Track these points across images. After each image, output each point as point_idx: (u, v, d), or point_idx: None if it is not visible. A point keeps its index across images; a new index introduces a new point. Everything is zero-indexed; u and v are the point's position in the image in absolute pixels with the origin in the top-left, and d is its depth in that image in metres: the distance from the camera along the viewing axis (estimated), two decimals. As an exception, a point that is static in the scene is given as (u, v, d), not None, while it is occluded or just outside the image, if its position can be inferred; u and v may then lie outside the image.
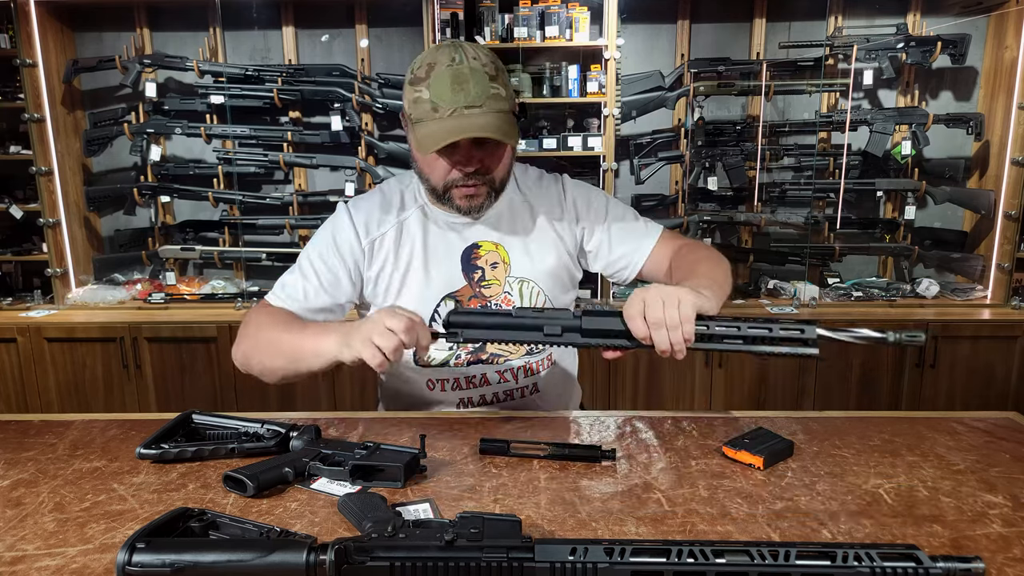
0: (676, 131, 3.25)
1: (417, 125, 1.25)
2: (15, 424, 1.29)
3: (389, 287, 1.39)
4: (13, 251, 3.21)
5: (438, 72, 1.21)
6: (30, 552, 0.87)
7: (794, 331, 1.05)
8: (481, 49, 1.26)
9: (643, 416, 1.30)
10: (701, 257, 1.35)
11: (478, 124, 1.21)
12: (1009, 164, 2.96)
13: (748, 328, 1.06)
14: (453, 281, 1.39)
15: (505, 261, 1.40)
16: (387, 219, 1.39)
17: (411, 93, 1.25)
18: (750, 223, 3.23)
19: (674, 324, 1.04)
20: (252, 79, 3.09)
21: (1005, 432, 1.22)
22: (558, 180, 1.48)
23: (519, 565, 0.75)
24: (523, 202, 1.44)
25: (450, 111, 1.20)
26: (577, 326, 1.10)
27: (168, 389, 3.01)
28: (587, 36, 2.96)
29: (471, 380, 1.41)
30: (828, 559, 0.74)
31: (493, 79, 1.23)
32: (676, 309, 1.04)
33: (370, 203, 1.41)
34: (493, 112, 1.22)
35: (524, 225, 1.42)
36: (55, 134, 3.09)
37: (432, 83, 1.21)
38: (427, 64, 1.23)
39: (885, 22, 3.12)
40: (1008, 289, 3.04)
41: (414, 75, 1.25)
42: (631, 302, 1.08)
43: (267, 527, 0.87)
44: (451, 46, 1.24)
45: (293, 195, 3.21)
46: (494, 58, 1.26)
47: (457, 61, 1.21)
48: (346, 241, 1.37)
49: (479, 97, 1.21)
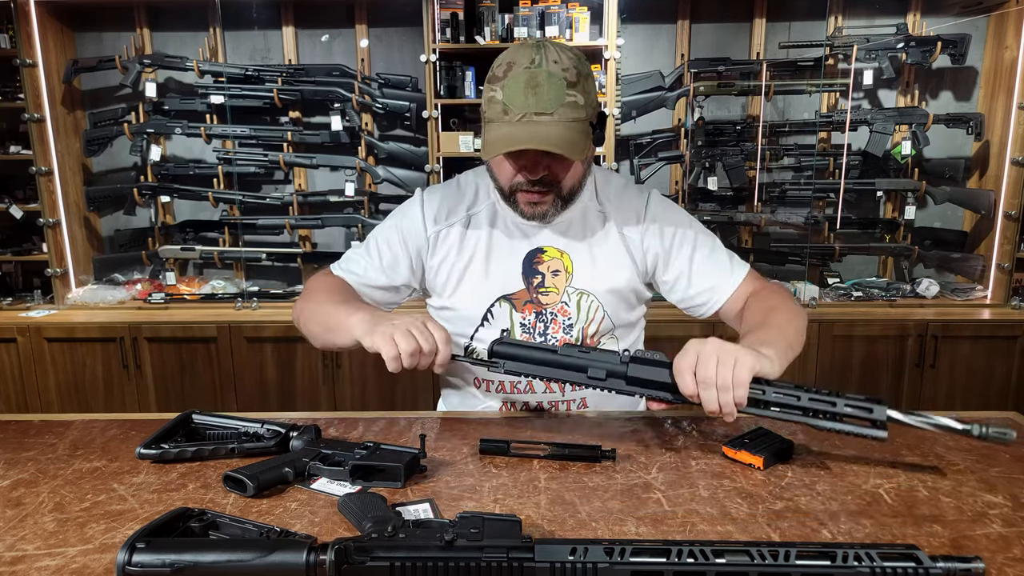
0: (676, 131, 3.25)
1: (488, 125, 1.22)
2: (15, 424, 1.29)
3: (448, 279, 1.38)
4: (13, 251, 3.21)
5: (514, 73, 1.17)
6: (30, 552, 0.87)
7: (861, 409, 1.00)
8: (566, 52, 1.20)
9: (643, 416, 1.30)
10: (776, 306, 1.26)
11: (543, 134, 1.16)
12: (1009, 164, 2.96)
13: (809, 399, 1.00)
14: (511, 283, 1.35)
15: (568, 270, 1.35)
16: (457, 211, 1.38)
17: (488, 91, 1.22)
18: (750, 223, 3.24)
19: (725, 386, 0.99)
20: (252, 79, 3.09)
21: (1005, 432, 1.22)
22: (643, 195, 1.40)
23: (519, 565, 0.75)
24: (599, 212, 1.37)
25: (519, 116, 1.17)
26: (623, 373, 1.07)
27: (168, 389, 3.01)
28: (587, 36, 2.96)
29: (516, 386, 1.39)
30: (828, 559, 0.74)
31: (572, 85, 1.18)
32: (731, 370, 0.99)
33: (444, 193, 1.41)
34: (565, 122, 1.17)
35: (595, 236, 1.36)
36: (55, 134, 3.09)
37: (507, 84, 1.18)
38: (507, 63, 1.20)
39: (885, 22, 3.12)
40: (1008, 289, 3.04)
41: (493, 73, 1.21)
42: (684, 355, 1.03)
43: (267, 527, 0.87)
44: (535, 46, 1.19)
45: (293, 195, 3.21)
46: (579, 63, 1.20)
47: (536, 64, 1.17)
48: (412, 228, 1.38)
49: (551, 104, 1.16)
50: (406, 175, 3.14)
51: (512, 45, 1.27)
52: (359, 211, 3.23)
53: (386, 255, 1.39)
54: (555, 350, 1.11)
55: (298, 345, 2.93)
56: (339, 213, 3.23)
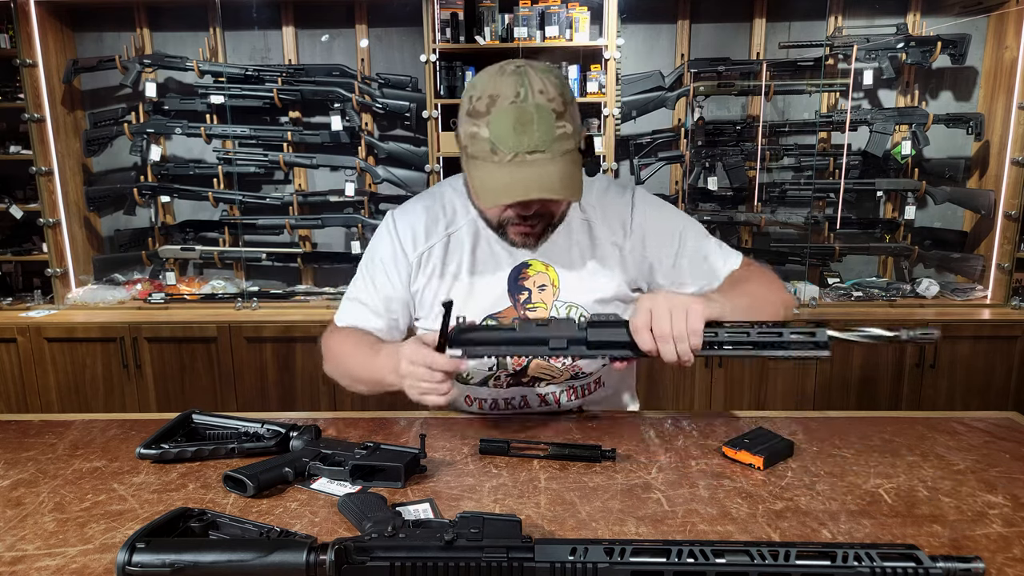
0: (676, 131, 3.25)
1: (474, 162, 1.15)
2: (15, 424, 1.29)
3: (435, 301, 1.33)
4: (13, 251, 3.21)
5: (500, 109, 1.10)
6: (30, 552, 0.87)
7: (805, 334, 1.04)
8: (549, 76, 1.13)
9: (643, 416, 1.30)
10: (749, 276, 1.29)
11: (542, 178, 1.11)
12: (1009, 164, 2.96)
13: (758, 333, 1.04)
14: (498, 301, 1.31)
15: (554, 284, 1.31)
16: (436, 230, 1.32)
17: (468, 125, 1.14)
18: (750, 223, 3.23)
19: (681, 337, 1.02)
20: (252, 79, 3.09)
21: (1005, 432, 1.22)
22: (626, 193, 1.34)
23: (519, 565, 0.75)
24: (582, 220, 1.32)
25: (511, 156, 1.10)
26: (583, 338, 1.08)
27: (168, 389, 3.01)
28: (587, 36, 2.96)
29: (510, 402, 1.36)
30: (828, 559, 0.74)
31: (560, 115, 1.11)
32: (684, 320, 1.02)
33: (416, 213, 1.34)
34: (558, 156, 1.11)
35: (581, 247, 1.32)
36: (55, 134, 3.09)
37: (493, 121, 1.10)
38: (488, 96, 1.11)
39: (885, 22, 3.12)
40: (1008, 289, 3.04)
41: (473, 106, 1.13)
42: (638, 313, 1.05)
43: (267, 527, 0.87)
44: (516, 74, 1.11)
45: (293, 195, 3.21)
46: (563, 88, 1.14)
47: (522, 97, 1.09)
48: (394, 257, 1.33)
49: (544, 141, 1.10)
50: (406, 175, 3.14)
51: (488, 71, 1.16)
52: (359, 211, 3.23)
53: (374, 299, 1.36)
54: (514, 328, 1.10)
55: (298, 345, 2.93)
56: (339, 213, 3.23)
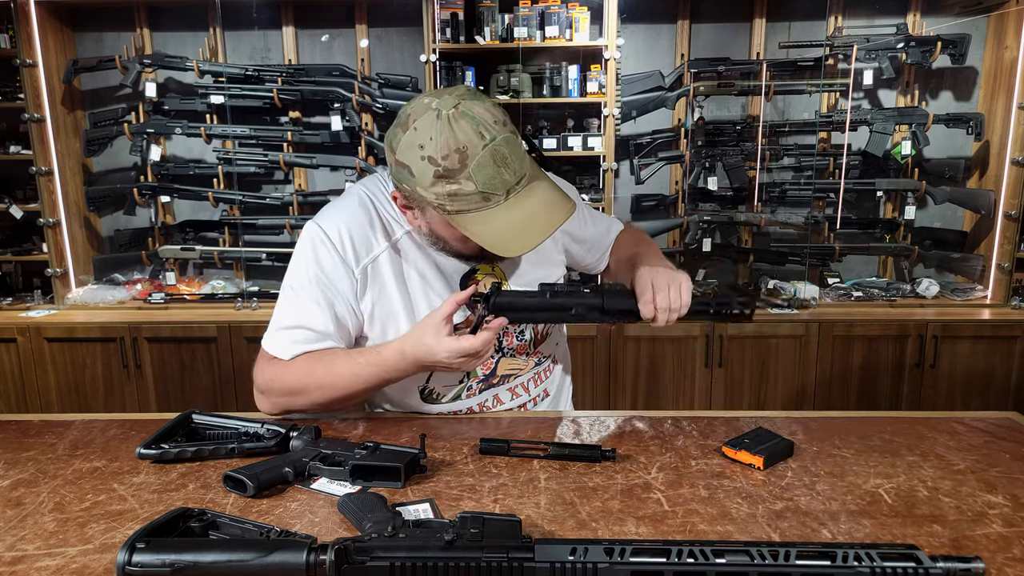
0: (676, 131, 3.25)
1: (465, 216, 1.10)
2: (15, 424, 1.29)
3: (388, 318, 1.28)
4: (13, 251, 3.21)
5: (475, 159, 1.06)
6: (30, 552, 0.87)
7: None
8: (484, 102, 1.10)
9: (643, 416, 1.30)
10: (638, 237, 1.51)
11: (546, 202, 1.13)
12: (1009, 164, 2.96)
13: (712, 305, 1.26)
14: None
15: (504, 283, 1.35)
16: (374, 241, 1.26)
17: (443, 187, 1.08)
18: (750, 223, 3.23)
19: (676, 308, 1.20)
20: (252, 79, 3.09)
21: (1005, 432, 1.22)
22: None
23: (519, 565, 0.75)
24: None
25: (504, 195, 1.09)
26: (599, 305, 1.22)
27: (168, 389, 3.01)
28: (587, 36, 2.96)
29: (484, 406, 1.37)
30: (828, 559, 0.74)
31: (513, 132, 1.12)
32: (679, 294, 1.20)
33: (347, 222, 1.25)
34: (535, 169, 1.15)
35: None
36: (55, 134, 3.09)
37: (475, 172, 1.07)
38: (455, 151, 1.06)
39: (885, 22, 3.12)
40: (1008, 289, 3.04)
41: (440, 168, 1.07)
42: (642, 285, 1.20)
43: (267, 527, 0.87)
44: (465, 118, 1.07)
45: (293, 195, 3.21)
46: (494, 102, 1.13)
47: (487, 138, 1.07)
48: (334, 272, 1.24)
49: (523, 165, 1.11)
50: (406, 175, 3.13)
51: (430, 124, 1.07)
52: (359, 211, 3.22)
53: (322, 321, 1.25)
54: (545, 293, 1.21)
55: (298, 345, 2.93)
56: (339, 213, 3.22)
